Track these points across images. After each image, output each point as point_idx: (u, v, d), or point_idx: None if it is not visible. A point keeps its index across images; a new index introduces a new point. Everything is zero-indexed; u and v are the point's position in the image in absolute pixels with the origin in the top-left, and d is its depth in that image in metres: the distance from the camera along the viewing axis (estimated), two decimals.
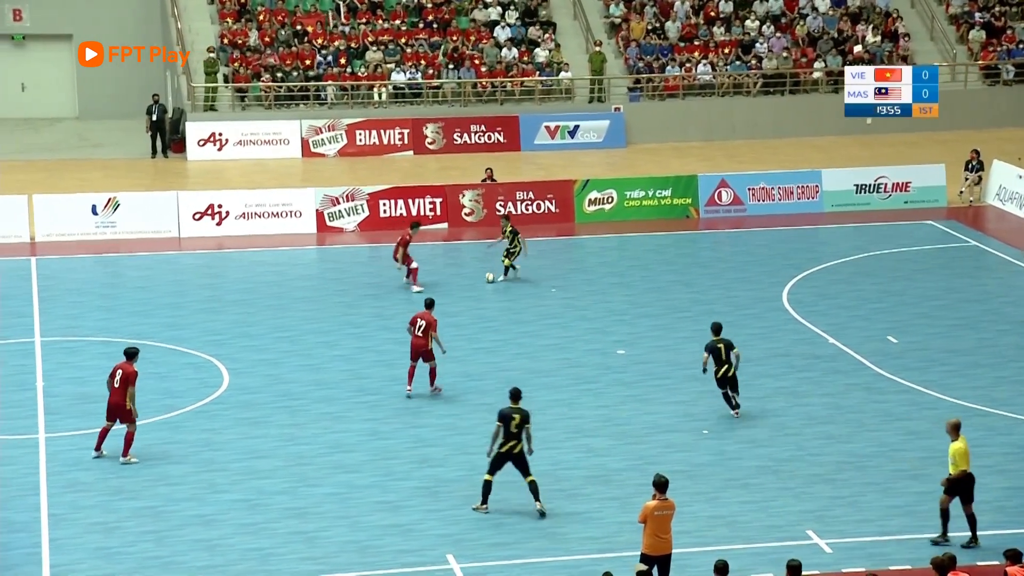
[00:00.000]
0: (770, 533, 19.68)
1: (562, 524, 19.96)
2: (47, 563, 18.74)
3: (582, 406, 24.18)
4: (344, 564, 18.86)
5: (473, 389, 24.99)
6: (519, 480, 20.29)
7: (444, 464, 21.96)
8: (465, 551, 19.17)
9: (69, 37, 45.22)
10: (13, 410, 23.98)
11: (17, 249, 33.39)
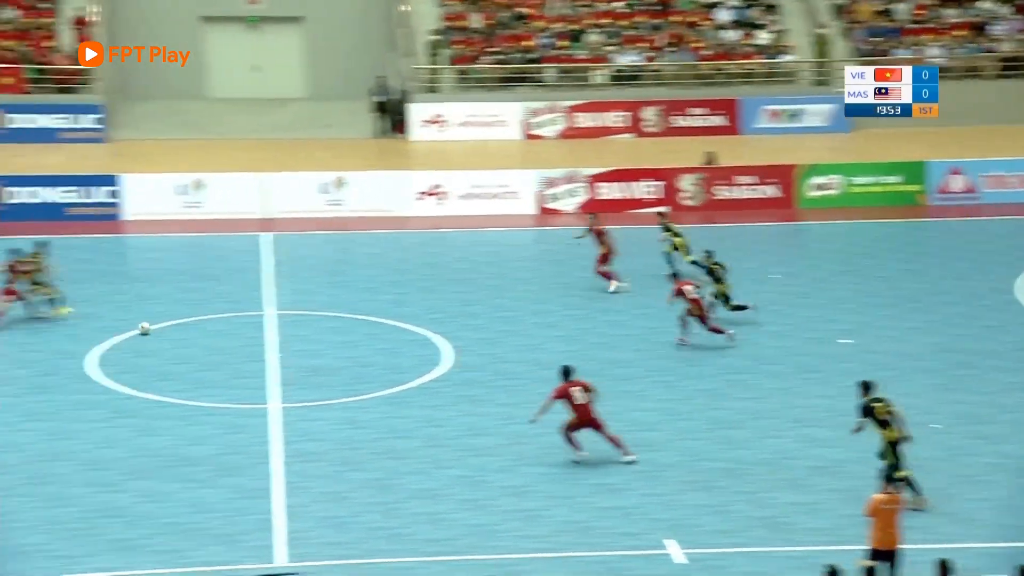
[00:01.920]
0: (1005, 533, 19.16)
1: (786, 514, 19.79)
2: (281, 529, 19.40)
3: (805, 394, 23.91)
4: (564, 544, 19.05)
5: (692, 375, 24.95)
6: (738, 466, 20.18)
7: (663, 448, 21.98)
8: (685, 536, 19.17)
9: (300, 19, 46.49)
10: (245, 380, 24.85)
11: (250, 225, 34.54)
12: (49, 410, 23.23)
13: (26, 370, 24.85)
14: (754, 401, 23.85)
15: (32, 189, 34.40)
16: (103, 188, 34.75)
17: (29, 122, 40.89)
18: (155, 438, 22.31)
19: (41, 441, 22.03)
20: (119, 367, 25.13)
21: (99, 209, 34.58)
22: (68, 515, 19.62)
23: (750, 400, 23.86)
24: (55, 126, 40.97)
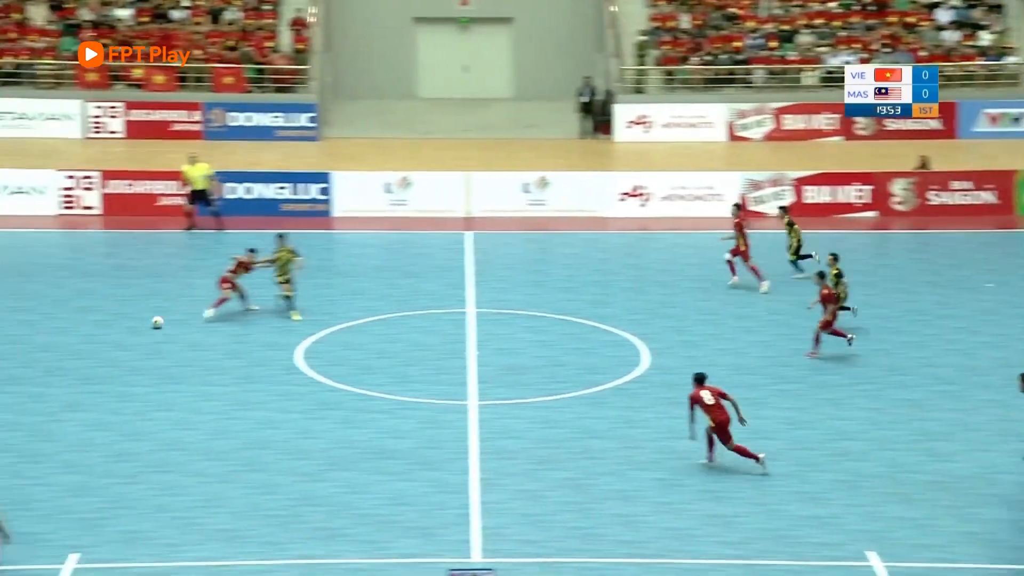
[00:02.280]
0: None
1: (993, 531, 19.12)
2: (477, 525, 19.58)
3: (1019, 407, 23.09)
4: (759, 551, 18.79)
5: (897, 384, 24.35)
6: (944, 479, 19.60)
7: (865, 459, 21.50)
8: (886, 549, 18.70)
9: (510, 20, 46.89)
10: (446, 376, 25.15)
11: (454, 223, 34.96)
12: (258, 400, 23.89)
13: (238, 360, 25.60)
14: (962, 413, 23.15)
15: (248, 185, 35.45)
16: (315, 185, 35.60)
17: (247, 120, 42.17)
18: (357, 430, 22.76)
19: (250, 430, 22.68)
20: (324, 360, 25.70)
21: (311, 205, 35.45)
22: (273, 502, 20.14)
23: (958, 412, 23.17)
24: (272, 124, 42.15)
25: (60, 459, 21.30)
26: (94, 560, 18.33)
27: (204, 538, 19.05)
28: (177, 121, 41.93)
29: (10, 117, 41.33)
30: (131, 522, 19.41)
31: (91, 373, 24.69)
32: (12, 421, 22.61)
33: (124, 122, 41.70)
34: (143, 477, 20.81)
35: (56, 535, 18.94)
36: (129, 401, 23.57)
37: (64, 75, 42.64)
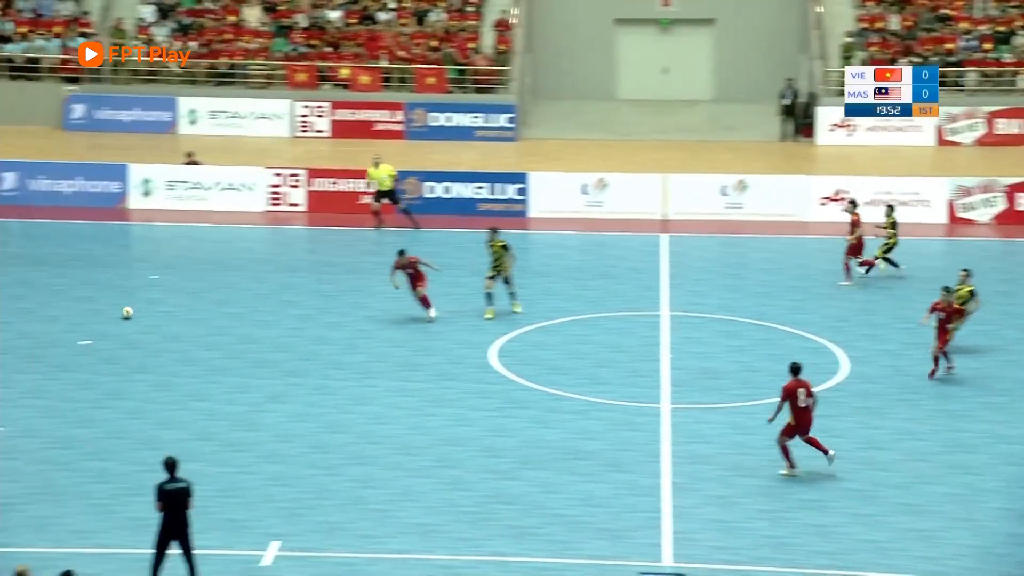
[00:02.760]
0: None
1: None
2: (668, 529, 19.47)
3: None
4: (964, 568, 18.25)
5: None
6: None
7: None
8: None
9: (712, 21, 46.53)
10: (639, 379, 25.07)
11: (650, 225, 34.84)
12: (452, 396, 24.17)
13: (433, 357, 25.93)
14: None
15: (447, 184, 35.91)
16: (512, 185, 35.87)
17: (447, 120, 42.72)
18: (548, 430, 22.84)
19: (444, 426, 22.96)
20: (518, 359, 25.87)
21: (507, 205, 35.73)
22: (465, 499, 20.35)
23: None
24: (471, 125, 42.63)
25: (263, 449, 21.87)
26: (294, 548, 18.77)
27: (399, 531, 19.35)
28: (380, 121, 42.72)
29: (224, 116, 42.67)
30: (330, 512, 19.83)
31: (293, 366, 25.31)
32: (218, 410, 23.31)
33: (330, 121, 42.66)
34: (341, 469, 21.24)
35: (259, 522, 19.45)
36: (329, 394, 24.09)
37: (275, 75, 43.83)
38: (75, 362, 25.10)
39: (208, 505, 19.79)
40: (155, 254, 32.95)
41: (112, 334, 26.52)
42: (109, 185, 35.57)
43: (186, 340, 26.37)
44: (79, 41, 43.80)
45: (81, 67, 43.22)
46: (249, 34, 44.81)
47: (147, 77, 43.99)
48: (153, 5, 45.46)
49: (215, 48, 44.29)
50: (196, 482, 20.28)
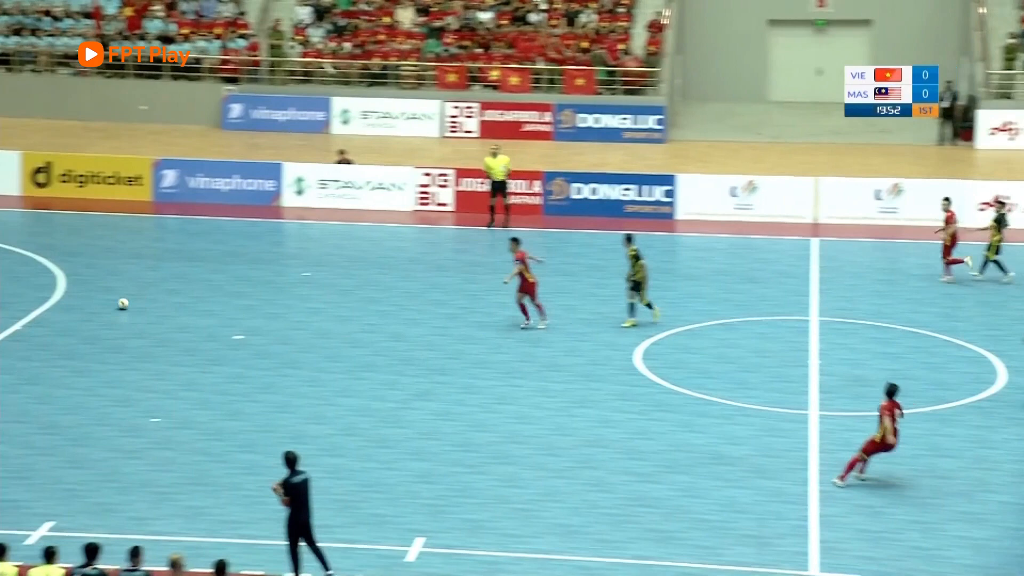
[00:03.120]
0: None
1: None
2: (815, 537, 19.16)
3: None
4: None
5: None
6: None
7: None
8: None
9: (868, 23, 45.74)
10: (786, 384, 24.74)
11: (800, 229, 34.38)
12: (596, 398, 24.12)
13: (578, 359, 25.91)
14: None
15: (594, 186, 35.84)
16: (660, 187, 35.67)
17: (596, 122, 42.68)
18: (693, 434, 22.65)
19: (588, 427, 22.92)
20: (663, 362, 25.71)
21: (655, 207, 35.54)
22: (608, 500, 20.29)
23: None
24: (619, 126, 42.51)
25: (409, 446, 22.06)
26: (438, 545, 18.89)
27: (542, 531, 19.36)
28: (528, 122, 42.85)
29: (375, 116, 43.20)
30: (473, 511, 19.92)
31: (439, 364, 25.49)
32: (365, 407, 23.58)
33: (478, 122, 42.91)
34: (485, 467, 21.33)
35: (403, 518, 19.63)
36: (474, 393, 24.21)
37: (426, 76, 44.24)
38: (229, 356, 25.61)
39: (354, 500, 20.06)
40: (307, 251, 33.47)
41: (265, 329, 27.01)
42: (264, 183, 36.24)
43: (335, 337, 26.73)
44: (239, 43, 44.77)
45: (239, 68, 44.18)
46: (402, 35, 45.28)
47: (302, 78, 44.74)
48: (310, 7, 46.22)
49: (369, 49, 44.85)
50: (342, 477, 20.63)
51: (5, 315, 27.19)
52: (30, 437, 22.00)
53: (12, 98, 44.21)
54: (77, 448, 21.62)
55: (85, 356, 25.37)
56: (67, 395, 23.64)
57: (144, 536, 18.12)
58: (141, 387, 24.10)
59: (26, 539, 18.52)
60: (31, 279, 29.63)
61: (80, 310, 27.81)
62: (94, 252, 31.79)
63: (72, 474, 20.64)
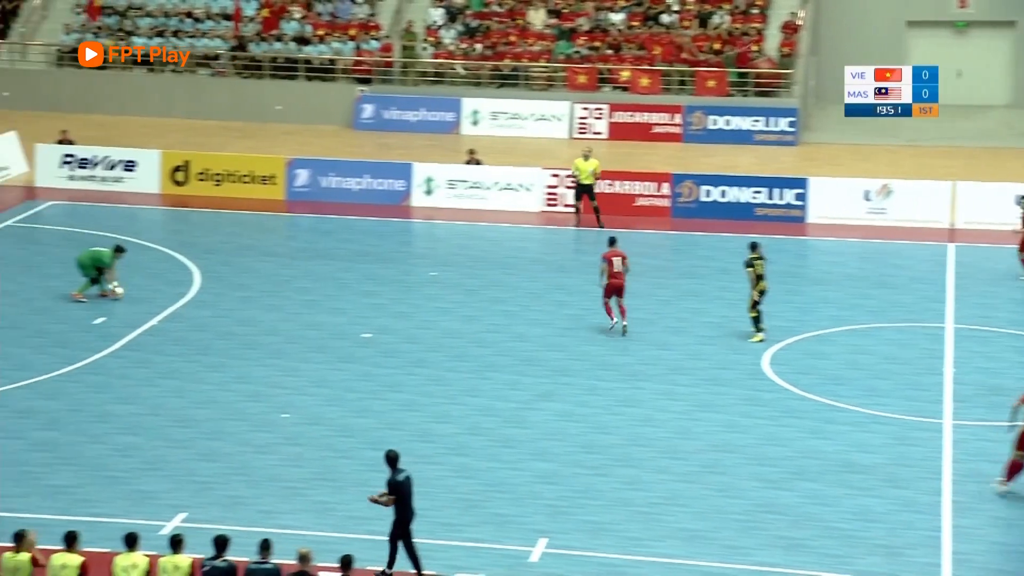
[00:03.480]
0: None
1: None
2: (947, 549, 18.76)
3: None
4: None
5: None
6: None
7: None
8: None
9: (1013, 24, 44.71)
10: (919, 392, 24.26)
11: (936, 234, 33.72)
12: (722, 403, 23.89)
13: (703, 362, 25.69)
14: None
15: (723, 188, 35.51)
16: (791, 190, 35.22)
17: (726, 124, 42.32)
18: (823, 441, 22.32)
19: (714, 432, 22.71)
20: (792, 367, 25.38)
21: (785, 211, 35.11)
22: (735, 506, 20.08)
23: None
24: (750, 128, 42.11)
25: (533, 446, 22.06)
26: (561, 546, 18.86)
27: (665, 535, 19.23)
28: (658, 124, 42.67)
29: (504, 117, 43.35)
30: (596, 512, 19.86)
31: (563, 365, 25.46)
32: (489, 406, 23.64)
33: (607, 123, 42.82)
34: (609, 469, 21.25)
35: (526, 519, 19.63)
36: (597, 395, 24.14)
37: (556, 77, 44.26)
38: (357, 354, 25.86)
39: (478, 499, 20.12)
40: (434, 251, 33.69)
41: (393, 328, 27.22)
42: (394, 183, 36.55)
43: (461, 336, 26.85)
44: (373, 44, 45.24)
45: (372, 69, 44.65)
46: (533, 37, 45.36)
47: (434, 79, 45.06)
48: (443, 8, 46.53)
49: (500, 50, 45.01)
50: (467, 476, 20.70)
51: (143, 310, 27.79)
52: (165, 430, 22.45)
53: (154, 98, 45.25)
54: (210, 441, 22.01)
55: (219, 351, 25.82)
56: (201, 389, 24.07)
57: (273, 529, 18.36)
58: (272, 383, 24.45)
59: (160, 529, 18.89)
60: (168, 275, 30.25)
61: (214, 306, 28.32)
62: (229, 250, 32.35)
63: (205, 467, 21.01)
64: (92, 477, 20.66)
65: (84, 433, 22.19)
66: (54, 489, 20.24)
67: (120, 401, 23.49)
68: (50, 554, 16.26)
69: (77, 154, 37.46)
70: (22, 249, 32.11)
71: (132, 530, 16.65)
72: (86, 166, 37.31)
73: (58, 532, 16.81)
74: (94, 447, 21.71)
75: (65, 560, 16.11)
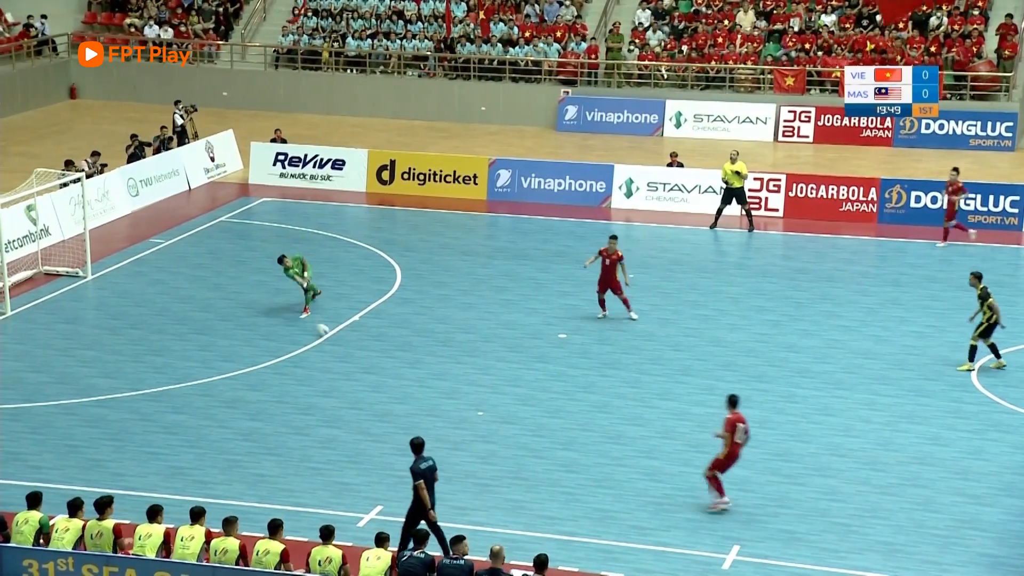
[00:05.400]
0: None
1: None
2: None
3: None
4: None
5: None
6: None
7: None
8: None
9: None
10: None
11: None
12: (926, 414, 23.22)
13: (908, 372, 25.01)
14: None
15: (934, 194, 34.33)
16: (1007, 197, 34.02)
17: (940, 128, 41.17)
18: None
19: (916, 443, 22.10)
20: (1003, 379, 24.53)
21: (1000, 218, 33.93)
22: (936, 521, 19.50)
23: None
24: (966, 133, 40.90)
25: None
26: (754, 555, 18.58)
27: (862, 547, 18.77)
28: (867, 127, 41.72)
29: (708, 119, 42.96)
30: (791, 522, 19.50)
31: (760, 371, 25.07)
32: (684, 411, 23.41)
33: (814, 127, 42.06)
34: (805, 479, 20.85)
35: (720, 525, 19.40)
36: (795, 402, 23.71)
37: (763, 80, 43.68)
38: (551, 354, 25.92)
39: (670, 504, 19.97)
40: (631, 253, 33.42)
41: (587, 329, 27.20)
42: (594, 185, 36.53)
43: (657, 339, 26.67)
44: (582, 46, 45.34)
45: (577, 70, 44.73)
46: (741, 38, 44.83)
47: (637, 81, 44.92)
48: (650, 10, 46.35)
49: (706, 53, 44.63)
50: (659, 480, 20.53)
51: (346, 305, 28.37)
52: (364, 423, 22.86)
53: (363, 98, 46.20)
54: (408, 436, 22.23)
55: (417, 348, 26.18)
56: (399, 385, 24.44)
57: (465, 526, 18.51)
58: (468, 380, 24.68)
59: (358, 521, 19.25)
60: (372, 272, 30.81)
61: (414, 303, 28.73)
62: (430, 248, 32.78)
63: (402, 460, 21.29)
64: (295, 467, 21.16)
65: (288, 424, 22.75)
66: (258, 478, 20.79)
67: (322, 394, 24.00)
68: (255, 541, 16.72)
69: (289, 152, 38.45)
70: (234, 244, 33.10)
71: (329, 523, 16.99)
72: (297, 164, 38.28)
73: (261, 520, 17.27)
74: (297, 438, 22.22)
75: (268, 546, 16.54)
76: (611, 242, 27.16)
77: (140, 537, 16.78)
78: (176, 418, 22.91)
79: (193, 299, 28.78)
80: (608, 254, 27.02)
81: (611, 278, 27.05)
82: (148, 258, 31.74)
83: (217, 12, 48.99)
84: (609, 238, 27.38)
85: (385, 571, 16.36)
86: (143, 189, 36.18)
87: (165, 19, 48.90)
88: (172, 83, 46.56)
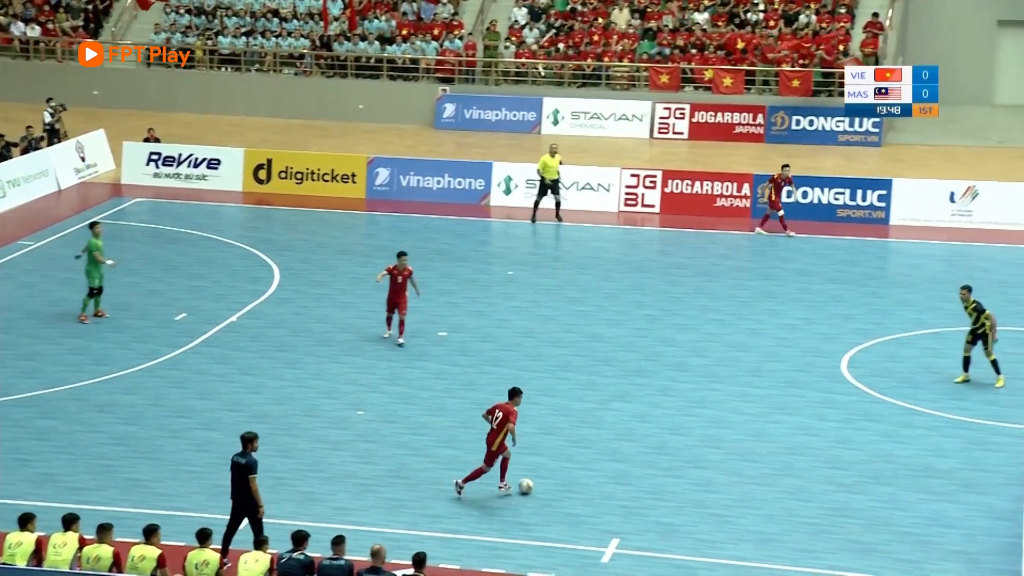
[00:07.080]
0: None
1: None
2: None
3: None
4: None
5: None
6: None
7: None
8: None
9: None
10: (1000, 397, 23.96)
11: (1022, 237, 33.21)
12: (798, 405, 23.71)
13: (780, 364, 25.51)
14: None
15: (805, 189, 35.13)
16: (874, 192, 34.83)
17: (810, 124, 41.94)
18: (898, 445, 22.08)
19: (788, 434, 22.55)
20: (870, 370, 25.13)
21: (868, 212, 34.74)
22: (807, 509, 19.92)
23: None
24: (834, 129, 41.70)
25: (605, 447, 22.04)
26: (633, 547, 18.82)
27: (737, 538, 19.12)
28: (740, 124, 42.38)
29: (585, 116, 43.31)
30: (668, 514, 19.80)
31: (638, 366, 25.39)
32: (564, 406, 23.64)
33: (688, 123, 42.63)
34: (681, 471, 21.18)
35: (599, 519, 19.62)
36: (671, 396, 24.06)
37: (638, 77, 44.14)
38: (432, 352, 25.98)
39: (551, 499, 20.14)
40: (512, 251, 33.72)
41: (467, 327, 27.31)
42: (473, 182, 36.64)
43: (538, 335, 26.87)
44: (456, 44, 45.39)
45: (454, 68, 44.81)
46: (616, 36, 45.25)
47: (515, 78, 45.13)
48: (526, 8, 46.57)
49: (582, 50, 44.98)
50: (541, 476, 20.68)
51: (223, 306, 28.13)
52: (242, 425, 22.57)
53: (239, 97, 45.77)
54: (287, 437, 22.22)
55: (295, 348, 26.06)
56: (278, 385, 24.31)
57: (346, 526, 18.49)
58: (347, 380, 24.64)
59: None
60: (249, 272, 30.59)
61: (292, 303, 28.59)
62: (308, 247, 32.64)
63: (280, 463, 21.21)
64: (172, 471, 20.95)
65: (164, 428, 22.51)
66: (132, 483, 20.55)
67: (199, 396, 23.80)
68: (130, 547, 16.53)
69: (163, 152, 37.99)
70: (106, 245, 32.58)
71: (206, 525, 16.87)
72: (171, 164, 37.84)
73: (136, 526, 17.08)
74: (173, 441, 22.01)
75: (144, 552, 16.37)
76: (401, 259, 26.15)
77: (10, 545, 16.49)
78: (47, 423, 22.55)
79: (64, 302, 28.32)
80: (399, 271, 26.05)
81: (399, 296, 26.05)
82: (17, 260, 31.18)
83: (86, 10, 48.18)
84: (398, 255, 26.36)
85: (264, 573, 16.28)
86: (10, 190, 35.51)
87: (31, 16, 47.97)
88: (40, 81, 45.70)
